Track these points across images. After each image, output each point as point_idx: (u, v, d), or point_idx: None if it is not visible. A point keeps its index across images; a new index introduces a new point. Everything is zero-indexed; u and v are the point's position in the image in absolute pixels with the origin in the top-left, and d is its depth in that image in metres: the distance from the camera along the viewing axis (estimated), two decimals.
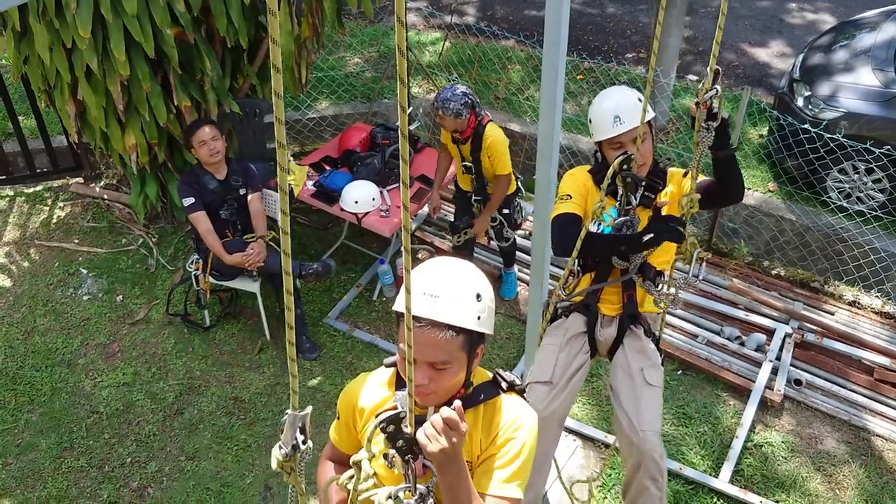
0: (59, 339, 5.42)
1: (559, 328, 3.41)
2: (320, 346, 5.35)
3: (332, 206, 5.67)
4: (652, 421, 3.18)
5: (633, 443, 3.16)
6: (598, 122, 3.22)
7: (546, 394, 3.24)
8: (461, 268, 2.06)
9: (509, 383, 2.13)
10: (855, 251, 5.86)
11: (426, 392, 1.97)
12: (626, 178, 3.12)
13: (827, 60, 6.64)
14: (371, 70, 7.99)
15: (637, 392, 3.22)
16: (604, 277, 3.34)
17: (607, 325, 3.38)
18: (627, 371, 3.29)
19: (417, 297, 1.91)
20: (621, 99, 3.21)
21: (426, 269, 2.02)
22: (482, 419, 2.10)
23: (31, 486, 4.55)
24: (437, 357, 1.93)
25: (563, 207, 3.27)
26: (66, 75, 5.08)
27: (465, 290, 1.98)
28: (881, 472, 4.64)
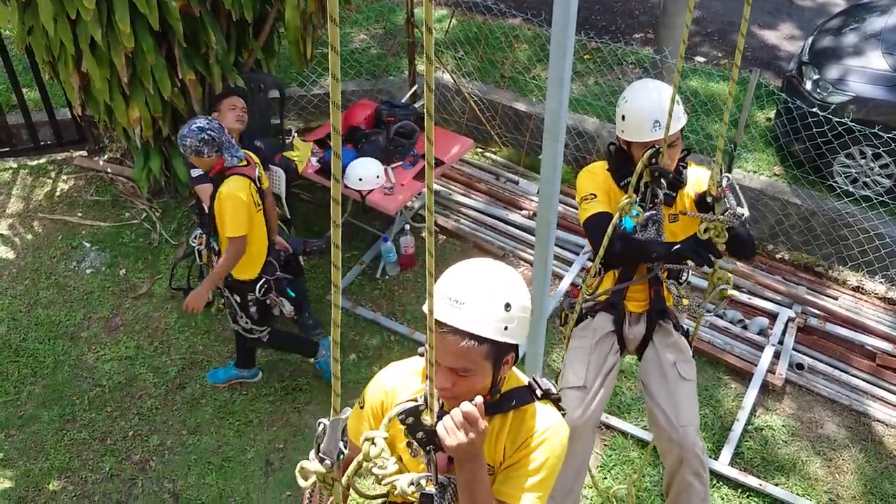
0: (62, 312, 5.43)
1: (586, 329, 3.35)
2: (323, 323, 5.35)
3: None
4: (690, 416, 3.19)
5: (673, 439, 3.16)
6: (635, 123, 3.11)
7: (580, 400, 3.21)
8: (493, 272, 1.94)
9: (544, 391, 2.05)
10: (860, 236, 5.84)
11: (448, 395, 1.92)
12: (654, 171, 3.06)
13: (836, 44, 6.58)
14: (376, 46, 7.93)
15: (671, 387, 3.22)
16: (629, 275, 3.29)
17: (635, 323, 3.36)
18: (660, 367, 3.27)
19: (442, 300, 1.85)
20: (663, 102, 3.05)
21: (456, 272, 1.93)
22: (510, 425, 2.03)
23: (34, 458, 4.57)
24: (458, 364, 1.86)
25: (594, 207, 3.17)
26: (70, 47, 5.04)
27: (493, 297, 1.86)
28: (881, 457, 4.65)
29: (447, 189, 6.52)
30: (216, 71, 5.36)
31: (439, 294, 1.86)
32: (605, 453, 4.57)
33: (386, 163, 5.74)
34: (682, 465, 3.20)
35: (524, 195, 6.47)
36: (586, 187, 3.23)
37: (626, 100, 3.17)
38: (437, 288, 1.88)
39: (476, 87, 7.24)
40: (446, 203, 6.41)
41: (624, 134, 3.17)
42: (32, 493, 4.40)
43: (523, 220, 6.20)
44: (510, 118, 7.04)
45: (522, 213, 6.30)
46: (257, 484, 4.44)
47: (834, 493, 4.45)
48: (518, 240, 6.08)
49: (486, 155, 7.02)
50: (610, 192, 3.21)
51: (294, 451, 4.59)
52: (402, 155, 5.87)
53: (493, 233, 6.15)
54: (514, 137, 7.05)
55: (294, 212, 5.76)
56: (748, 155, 6.59)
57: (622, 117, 3.16)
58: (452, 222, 6.20)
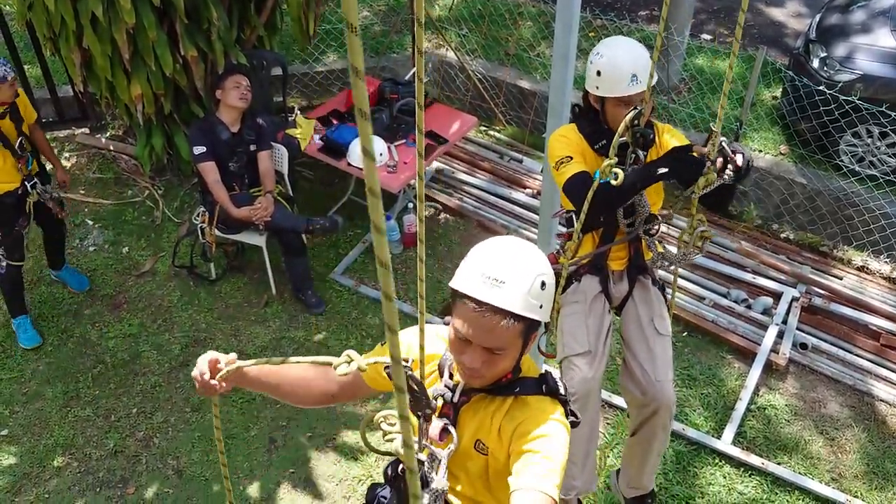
0: (66, 290, 5.43)
1: (576, 294, 3.34)
2: (326, 302, 5.35)
3: (339, 161, 5.62)
4: (666, 370, 3.24)
5: (649, 392, 3.21)
6: (612, 77, 3.03)
7: (589, 364, 3.21)
8: (528, 251, 1.94)
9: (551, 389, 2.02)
10: (865, 216, 5.81)
11: (476, 375, 1.93)
12: (636, 133, 3.02)
13: (844, 21, 6.51)
14: (380, 24, 7.88)
15: (650, 343, 3.25)
16: (611, 237, 3.28)
17: (618, 281, 3.36)
18: (638, 323, 3.30)
19: (479, 279, 1.84)
20: (639, 56, 3.04)
21: (490, 250, 1.92)
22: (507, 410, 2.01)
23: (38, 434, 4.59)
24: (495, 343, 1.86)
25: (572, 168, 3.07)
26: (71, 23, 5.01)
27: (531, 276, 1.87)
28: (883, 436, 4.65)
29: (450, 167, 6.49)
30: (218, 48, 5.32)
31: (475, 272, 1.86)
32: (607, 432, 4.58)
33: (389, 140, 5.71)
34: (653, 416, 3.26)
35: (528, 173, 6.44)
36: (560, 150, 3.14)
37: (600, 55, 3.07)
38: (471, 266, 1.88)
39: (480, 64, 7.19)
40: (449, 181, 6.38)
41: (599, 90, 3.08)
42: (37, 469, 4.42)
43: (527, 198, 6.18)
44: (514, 96, 7.00)
45: (526, 191, 6.27)
46: (261, 461, 4.46)
47: (836, 473, 4.46)
48: (521, 218, 6.06)
49: (489, 133, 6.99)
50: (585, 154, 3.14)
51: (297, 429, 4.61)
52: (405, 133, 5.84)
53: (496, 211, 6.13)
54: (517, 115, 7.01)
55: (297, 189, 5.74)
56: (754, 134, 6.54)
57: (597, 73, 3.06)
58: (456, 201, 6.18)
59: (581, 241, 3.27)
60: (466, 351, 1.89)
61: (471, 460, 2.08)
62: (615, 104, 3.08)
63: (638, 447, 3.44)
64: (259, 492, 4.31)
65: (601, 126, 3.16)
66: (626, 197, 3.06)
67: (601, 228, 3.28)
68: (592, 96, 3.15)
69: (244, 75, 5.00)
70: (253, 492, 4.31)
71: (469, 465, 2.09)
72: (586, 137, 3.18)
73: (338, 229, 5.36)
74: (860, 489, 4.38)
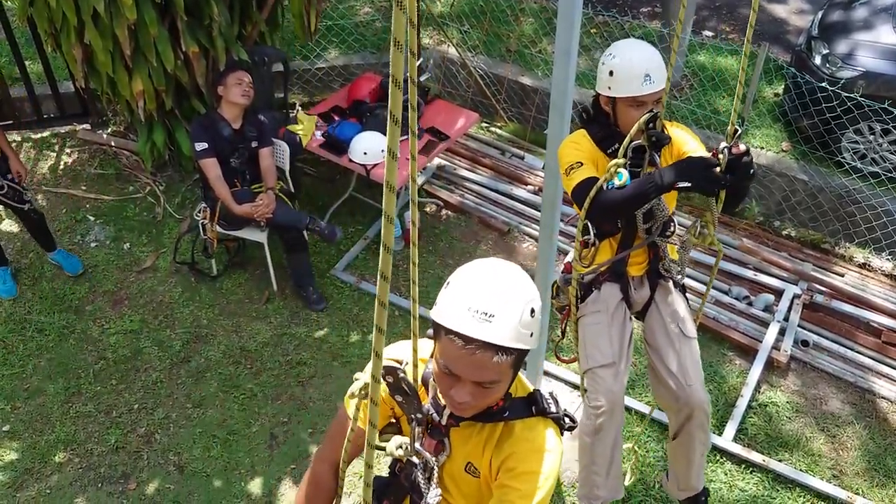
0: (67, 286, 5.43)
1: (597, 303, 3.29)
2: (327, 298, 5.35)
3: (340, 157, 5.61)
4: (696, 373, 3.23)
5: (681, 398, 3.20)
6: (625, 77, 2.98)
7: (613, 376, 3.18)
8: (514, 278, 1.83)
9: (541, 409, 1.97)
10: (867, 213, 5.80)
11: (465, 408, 1.87)
12: (651, 136, 2.97)
13: (846, 18, 6.50)
14: (381, 20, 7.86)
15: (678, 347, 3.24)
16: (629, 243, 3.23)
17: (639, 286, 3.33)
18: (664, 328, 3.27)
19: (466, 313, 1.73)
20: (652, 56, 3.00)
21: (475, 279, 1.80)
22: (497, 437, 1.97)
23: (40, 430, 4.60)
24: (486, 378, 1.78)
25: (582, 174, 3.01)
26: (72, 18, 5.00)
27: (520, 306, 1.76)
28: (885, 433, 4.65)
29: (452, 164, 6.49)
30: (219, 44, 5.31)
31: (460, 306, 1.75)
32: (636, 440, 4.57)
33: None
34: (689, 420, 3.25)
35: (529, 170, 6.44)
36: (571, 156, 3.09)
37: (613, 55, 3.05)
38: (456, 298, 1.78)
39: (481, 60, 7.19)
40: (451, 178, 6.38)
41: (611, 90, 3.04)
42: (38, 464, 4.43)
43: (528, 195, 6.18)
44: (516, 92, 6.99)
45: (527, 188, 6.27)
46: (262, 457, 4.46)
47: (837, 469, 4.46)
48: (523, 215, 6.06)
49: (491, 129, 6.98)
50: (597, 160, 3.09)
51: (298, 425, 4.61)
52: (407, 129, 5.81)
53: (497, 208, 6.13)
54: (519, 112, 7.00)
55: (298, 186, 5.73)
56: (755, 130, 6.54)
57: (610, 73, 3.02)
58: (457, 197, 6.17)
59: (598, 249, 3.22)
60: (455, 386, 1.82)
61: (463, 481, 2.07)
62: (628, 105, 3.03)
63: (680, 449, 3.43)
64: (260, 488, 4.31)
65: (613, 130, 3.11)
66: (637, 204, 2.99)
67: (619, 234, 3.23)
68: (604, 98, 3.11)
69: (246, 72, 5.00)
70: (254, 488, 4.31)
71: (461, 485, 2.09)
72: (598, 143, 3.13)
73: (335, 240, 5.32)
74: (861, 486, 4.37)
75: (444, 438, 2.02)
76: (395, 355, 2.01)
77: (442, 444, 2.01)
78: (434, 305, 1.84)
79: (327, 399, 4.75)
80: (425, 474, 2.01)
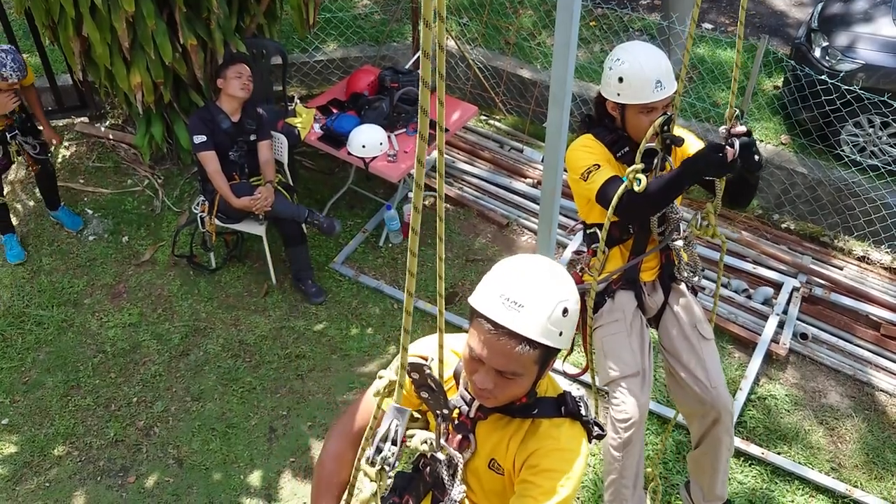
0: (65, 279, 5.42)
1: (614, 312, 3.24)
2: (326, 291, 5.35)
3: (339, 150, 5.60)
4: (719, 375, 3.19)
5: (707, 401, 3.16)
6: (636, 84, 2.92)
7: (640, 386, 3.15)
8: (553, 274, 1.83)
9: (570, 411, 1.97)
10: (866, 206, 5.80)
11: (487, 396, 1.87)
12: (665, 139, 2.92)
13: (846, 10, 6.49)
14: (380, 12, 7.84)
15: (697, 350, 3.20)
16: (642, 248, 3.19)
17: (652, 292, 3.30)
18: (681, 331, 3.24)
19: (497, 299, 1.76)
20: (662, 62, 2.94)
21: (513, 270, 1.83)
22: (525, 433, 1.97)
23: (39, 424, 4.60)
24: (508, 367, 1.79)
25: (604, 174, 2.96)
26: (70, 11, 4.98)
27: (552, 302, 1.77)
28: (883, 426, 4.66)
29: (450, 157, 6.48)
30: (218, 36, 5.30)
31: (493, 292, 1.78)
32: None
33: (389, 130, 5.69)
34: (716, 424, 3.22)
35: (528, 163, 6.43)
36: (586, 160, 3.03)
37: (620, 60, 2.96)
38: (492, 284, 1.81)
39: (480, 53, 7.17)
40: (450, 171, 6.37)
41: (621, 97, 2.98)
42: (38, 458, 4.43)
43: (528, 188, 6.17)
44: (515, 85, 6.98)
45: (527, 181, 6.26)
46: (261, 450, 4.46)
47: (836, 462, 4.46)
48: (522, 208, 6.05)
49: (490, 122, 6.97)
50: (610, 163, 3.05)
51: (297, 418, 4.61)
52: (405, 122, 5.82)
53: (497, 201, 6.12)
54: (518, 105, 6.99)
55: (297, 179, 5.73)
56: (755, 123, 6.53)
57: (619, 79, 2.95)
58: (456, 190, 6.17)
59: (608, 256, 3.19)
60: (479, 370, 1.83)
61: (486, 478, 2.06)
62: (638, 111, 2.97)
63: (705, 458, 3.38)
64: (260, 481, 4.31)
65: (621, 134, 3.06)
66: (659, 206, 2.98)
67: (631, 240, 3.19)
68: (611, 104, 3.05)
69: (246, 65, 4.99)
70: (254, 481, 4.32)
71: (484, 482, 2.08)
72: (608, 146, 3.08)
73: (334, 233, 5.32)
74: (860, 479, 4.38)
75: (469, 434, 2.01)
76: (421, 351, 2.00)
77: (467, 439, 2.00)
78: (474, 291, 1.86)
79: (326, 392, 4.75)
80: (450, 471, 2.00)
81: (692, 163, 2.83)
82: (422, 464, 2.14)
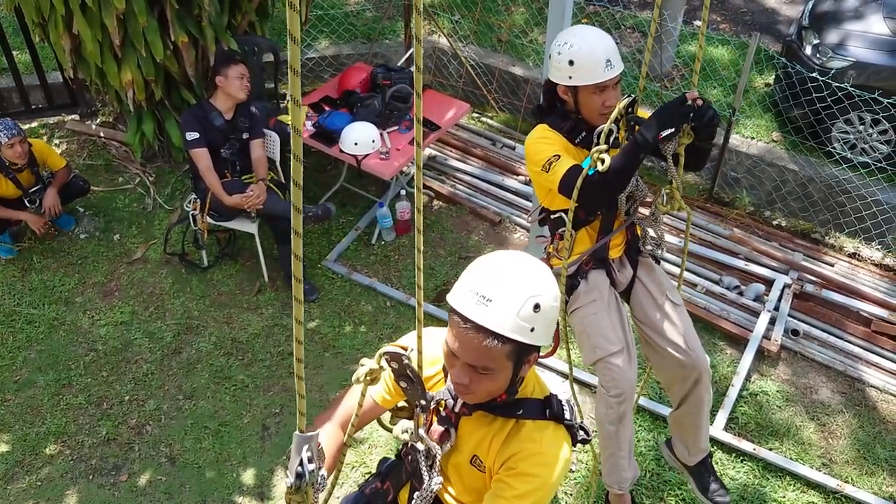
0: (57, 278, 5.40)
1: (590, 292, 3.26)
2: (318, 289, 5.35)
3: (331, 148, 5.60)
4: (695, 338, 3.27)
5: (687, 364, 3.23)
6: (588, 64, 2.96)
7: (627, 360, 3.18)
8: (525, 268, 1.83)
9: (555, 413, 1.97)
10: (857, 203, 5.83)
11: (464, 391, 1.88)
12: (630, 121, 2.98)
13: (837, 8, 6.51)
14: (372, 10, 7.84)
15: (672, 317, 3.26)
16: (609, 227, 3.23)
17: (621, 268, 3.34)
18: (653, 301, 3.30)
19: (468, 295, 1.77)
20: (608, 41, 3.00)
21: (484, 264, 1.84)
22: (507, 433, 1.97)
23: (30, 423, 4.58)
24: (479, 362, 1.80)
25: (564, 164, 3.00)
26: (60, 8, 4.96)
27: (522, 297, 1.76)
28: (874, 422, 4.68)
29: (443, 154, 6.48)
30: (209, 34, 5.28)
31: (465, 287, 1.80)
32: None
33: (381, 127, 5.69)
34: (697, 384, 3.28)
35: (520, 160, 6.43)
36: (545, 151, 3.06)
37: (570, 45, 3.00)
38: (464, 280, 1.82)
39: (472, 50, 7.17)
40: (442, 168, 6.37)
41: (573, 79, 3.00)
42: (29, 457, 4.41)
43: (520, 185, 6.17)
44: (507, 83, 6.98)
45: (519, 178, 6.27)
46: (254, 448, 4.46)
47: (827, 458, 4.48)
48: (514, 205, 6.06)
49: (482, 120, 6.97)
50: (569, 152, 3.08)
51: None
52: (397, 119, 5.82)
53: (488, 198, 6.12)
54: (510, 102, 7.00)
55: (288, 176, 5.70)
56: (746, 121, 6.55)
57: (569, 62, 2.98)
58: (448, 188, 6.17)
59: (575, 239, 3.21)
60: (455, 365, 1.85)
61: (468, 473, 2.07)
62: (591, 92, 3.01)
63: (688, 417, 3.44)
64: (253, 479, 4.31)
65: (576, 118, 3.10)
66: (631, 172, 2.99)
67: (598, 221, 3.22)
68: (562, 88, 3.08)
69: (246, 66, 4.98)
70: (247, 479, 4.31)
71: (465, 477, 2.09)
72: (565, 134, 3.12)
73: (331, 216, 5.35)
74: (851, 474, 4.40)
75: (451, 428, 2.02)
76: (404, 342, 2.03)
77: (448, 433, 2.01)
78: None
79: (319, 390, 4.74)
80: (427, 461, 2.01)
81: (656, 115, 2.88)
82: (404, 452, 2.16)
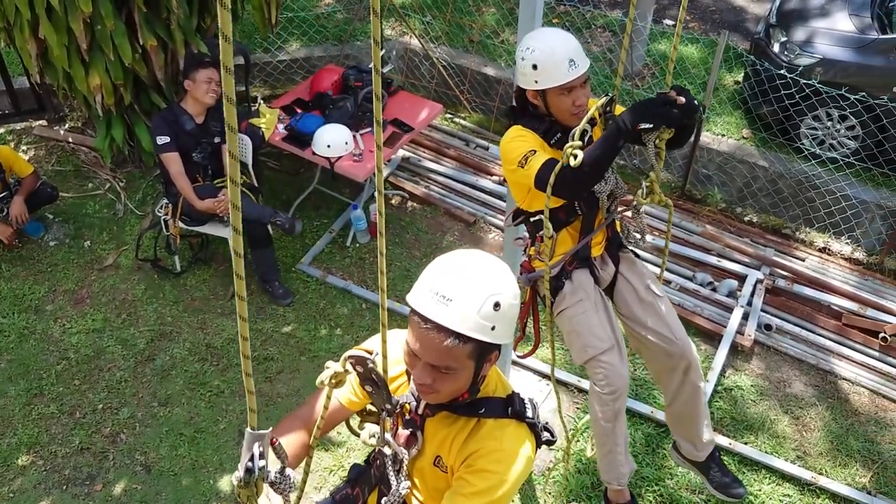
0: (26, 286, 5.33)
1: (577, 293, 3.26)
2: (293, 292, 5.31)
3: (303, 150, 5.57)
4: (680, 327, 3.29)
5: (675, 354, 3.25)
6: (552, 67, 2.94)
7: (619, 358, 3.19)
8: (484, 267, 1.83)
9: (517, 412, 1.97)
10: (826, 198, 5.90)
11: (427, 391, 1.88)
12: (608, 120, 2.97)
13: (803, 5, 6.59)
14: (343, 11, 7.81)
15: (656, 309, 3.28)
16: (590, 226, 3.22)
17: (603, 265, 3.36)
18: (636, 295, 3.31)
19: (428, 294, 1.77)
20: (570, 41, 2.99)
21: (443, 263, 1.84)
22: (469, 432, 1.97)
23: (2, 433, 4.51)
24: (441, 362, 1.79)
25: (539, 158, 2.98)
26: (25, 12, 4.89)
27: (481, 296, 1.76)
28: (846, 414, 4.74)
29: (416, 155, 6.47)
30: (178, 37, 5.23)
31: (425, 287, 1.79)
32: (577, 416, 4.61)
33: (354, 129, 5.67)
34: (687, 374, 3.30)
35: (494, 160, 6.44)
36: (520, 148, 3.04)
37: (531, 49, 2.99)
38: (423, 279, 1.82)
39: (444, 51, 7.17)
40: (416, 169, 6.36)
41: (539, 83, 2.99)
42: (1, 468, 4.35)
43: (494, 185, 6.18)
44: (479, 83, 6.99)
45: (493, 178, 6.28)
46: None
47: (801, 451, 4.53)
48: (488, 206, 6.07)
49: (455, 120, 6.97)
50: (545, 149, 3.07)
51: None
52: (370, 121, 5.80)
53: (463, 199, 6.13)
54: (483, 102, 7.00)
55: (261, 180, 5.68)
56: (716, 118, 6.61)
57: (533, 67, 2.97)
58: (422, 189, 6.16)
59: (556, 240, 3.21)
60: (416, 365, 1.84)
61: (431, 475, 2.07)
62: (558, 93, 3.00)
63: (686, 407, 3.44)
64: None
65: (549, 121, 3.09)
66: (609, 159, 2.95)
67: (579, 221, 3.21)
68: (531, 92, 3.07)
69: (216, 70, 4.91)
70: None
71: (428, 479, 2.09)
72: (540, 135, 3.11)
73: (295, 233, 5.30)
74: (825, 466, 4.46)
75: (417, 431, 2.01)
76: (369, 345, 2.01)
77: (414, 436, 2.01)
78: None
79: (296, 394, 4.72)
80: (395, 466, 2.01)
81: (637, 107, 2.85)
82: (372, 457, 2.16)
